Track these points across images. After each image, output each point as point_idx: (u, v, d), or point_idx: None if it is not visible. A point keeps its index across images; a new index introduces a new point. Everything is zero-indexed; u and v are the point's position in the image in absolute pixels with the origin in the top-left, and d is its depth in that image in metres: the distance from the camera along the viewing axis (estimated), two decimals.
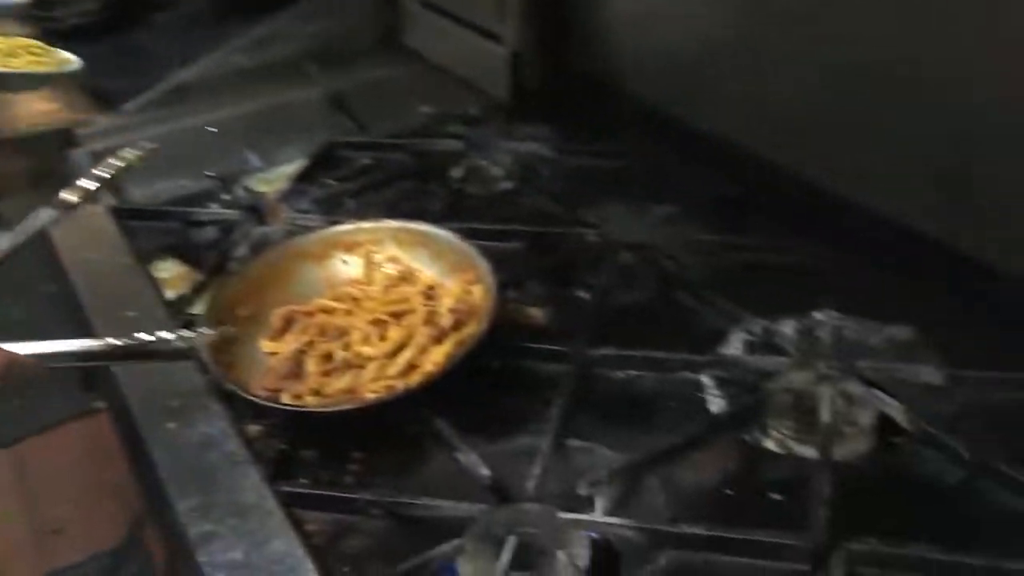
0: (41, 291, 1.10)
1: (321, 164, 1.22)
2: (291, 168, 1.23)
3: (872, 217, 0.94)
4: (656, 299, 0.94)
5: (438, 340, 0.81)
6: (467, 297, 0.84)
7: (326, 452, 0.77)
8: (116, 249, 1.05)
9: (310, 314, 0.86)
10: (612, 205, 1.08)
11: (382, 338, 0.81)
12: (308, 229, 1.00)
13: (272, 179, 1.21)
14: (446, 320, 0.81)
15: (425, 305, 0.83)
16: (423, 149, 1.24)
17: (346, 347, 0.81)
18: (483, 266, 0.84)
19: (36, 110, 1.40)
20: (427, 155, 1.23)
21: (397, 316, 0.83)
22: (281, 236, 1.04)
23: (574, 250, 1.00)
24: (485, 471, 0.72)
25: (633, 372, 0.83)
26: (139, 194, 1.25)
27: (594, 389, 0.82)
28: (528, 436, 0.78)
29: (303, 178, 1.17)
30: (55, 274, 1.02)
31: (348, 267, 0.92)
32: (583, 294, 0.95)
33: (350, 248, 0.92)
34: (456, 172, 1.18)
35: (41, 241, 1.06)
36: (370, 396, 0.77)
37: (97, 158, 1.28)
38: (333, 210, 1.11)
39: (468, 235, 0.91)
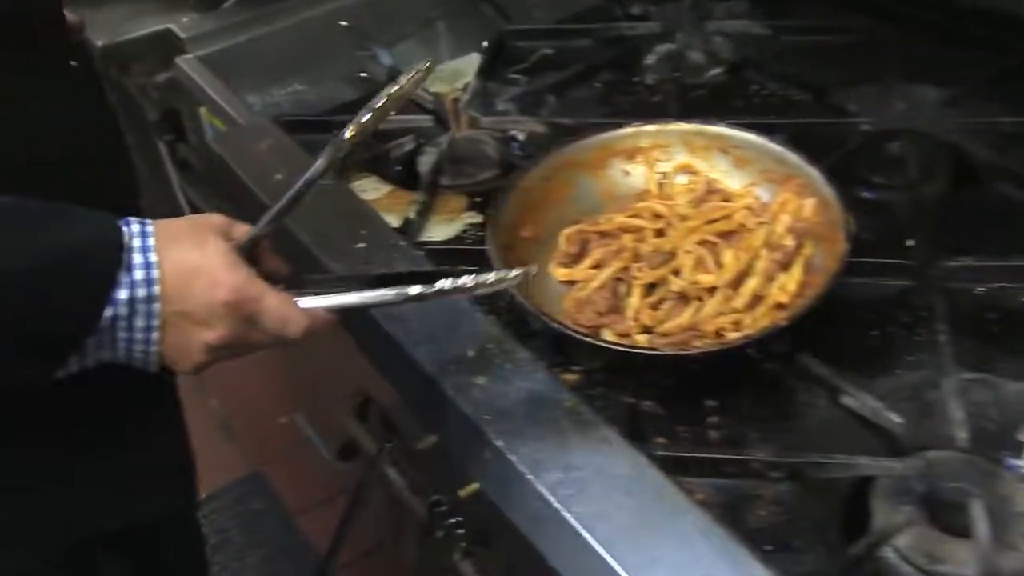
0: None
1: (496, 58, 1.06)
2: (460, 64, 1.08)
3: None
4: (973, 195, 0.81)
5: (784, 266, 0.67)
6: (801, 213, 0.70)
7: (671, 402, 0.65)
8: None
9: (608, 235, 0.72)
10: (865, 88, 0.93)
11: (717, 264, 0.67)
12: (506, 135, 0.86)
13: (445, 77, 1.06)
14: (789, 241, 0.68)
15: (760, 224, 0.70)
16: (613, 35, 1.08)
17: (674, 274, 0.68)
18: (814, 175, 0.71)
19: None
20: (619, 41, 1.07)
21: (725, 236, 0.70)
22: (485, 145, 0.90)
23: (851, 143, 0.86)
24: (895, 417, 0.60)
25: (995, 285, 0.71)
26: (260, 103, 1.10)
27: (959, 308, 0.69)
28: (907, 370, 0.66)
29: (485, 75, 1.02)
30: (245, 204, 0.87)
31: (630, 178, 0.78)
32: (867, 194, 0.82)
33: (631, 155, 0.78)
34: (650, 59, 1.04)
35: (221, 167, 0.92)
36: (731, 336, 0.64)
37: (206, 63, 1.13)
38: (535, 111, 0.97)
39: None
